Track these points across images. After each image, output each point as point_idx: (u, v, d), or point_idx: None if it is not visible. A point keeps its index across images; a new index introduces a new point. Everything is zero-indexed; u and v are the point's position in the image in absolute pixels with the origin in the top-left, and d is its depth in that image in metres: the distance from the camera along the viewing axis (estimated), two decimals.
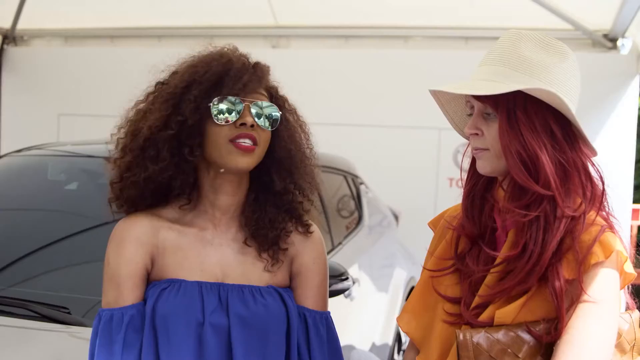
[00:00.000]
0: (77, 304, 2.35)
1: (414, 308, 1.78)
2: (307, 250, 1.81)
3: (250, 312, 1.67)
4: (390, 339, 4.10)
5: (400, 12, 5.98)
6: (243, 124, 1.65)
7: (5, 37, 6.85)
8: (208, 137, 1.67)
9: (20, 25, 6.66)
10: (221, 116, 1.65)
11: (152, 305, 1.65)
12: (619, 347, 1.61)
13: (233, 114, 1.65)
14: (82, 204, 3.17)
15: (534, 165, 1.54)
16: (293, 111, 1.81)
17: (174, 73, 1.75)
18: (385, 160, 5.91)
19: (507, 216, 1.58)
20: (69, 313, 2.30)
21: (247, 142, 1.65)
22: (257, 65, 1.73)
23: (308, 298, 1.79)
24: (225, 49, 1.76)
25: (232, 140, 1.65)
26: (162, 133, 1.66)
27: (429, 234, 1.89)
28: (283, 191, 1.76)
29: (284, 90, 1.82)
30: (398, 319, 1.81)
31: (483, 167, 1.62)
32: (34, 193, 3.21)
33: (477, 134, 1.60)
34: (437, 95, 1.73)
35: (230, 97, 1.65)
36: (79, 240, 2.81)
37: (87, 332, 2.19)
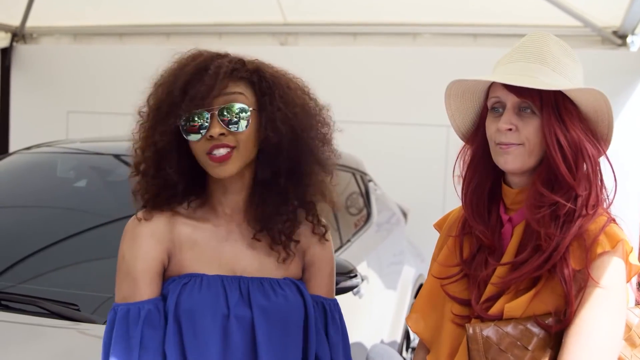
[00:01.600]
0: (86, 301, 2.35)
1: (422, 308, 1.79)
2: (316, 241, 1.83)
3: (272, 303, 1.70)
4: (398, 337, 4.10)
5: (409, 8, 5.97)
6: (212, 137, 1.63)
7: (14, 35, 6.87)
8: (192, 151, 1.68)
9: (30, 23, 6.69)
10: (189, 134, 1.65)
11: (174, 300, 1.65)
12: (629, 341, 1.62)
13: (199, 129, 1.64)
14: (91, 201, 3.18)
15: (575, 161, 1.57)
16: (282, 88, 1.73)
17: (159, 86, 1.73)
18: (394, 157, 5.91)
19: (532, 210, 1.59)
20: (78, 310, 2.30)
21: (220, 152, 1.64)
22: (207, 68, 1.67)
23: (322, 287, 1.83)
24: (183, 57, 1.73)
25: (208, 154, 1.65)
26: (145, 154, 1.70)
27: (437, 232, 1.90)
28: (269, 180, 1.72)
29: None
30: (407, 318, 1.82)
31: (512, 163, 1.62)
32: (43, 190, 3.23)
33: (510, 129, 1.60)
34: (450, 89, 1.73)
35: (194, 113, 1.63)
36: (88, 237, 2.82)
37: (96, 329, 2.21)
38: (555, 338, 1.54)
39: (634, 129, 5.54)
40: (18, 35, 6.87)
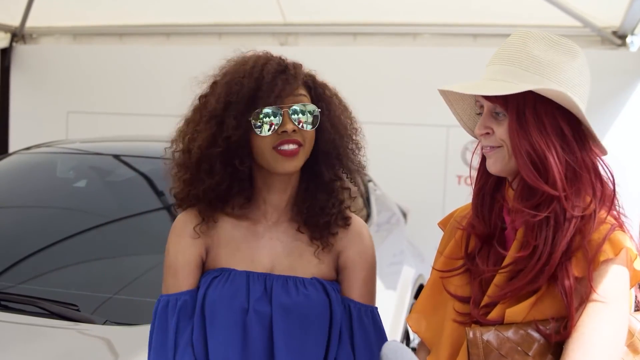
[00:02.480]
0: (86, 301, 2.35)
1: (423, 308, 1.78)
2: (353, 244, 1.88)
3: (292, 301, 1.75)
4: (398, 337, 4.09)
5: (409, 9, 5.97)
6: (284, 132, 1.70)
7: (14, 35, 6.87)
8: (254, 146, 1.73)
9: (29, 23, 6.68)
10: (262, 129, 1.71)
11: (203, 292, 1.75)
12: (632, 347, 1.60)
13: (273, 124, 1.71)
14: (91, 201, 3.18)
15: (543, 165, 1.53)
16: (334, 96, 1.85)
17: (214, 84, 1.79)
18: (394, 157, 5.90)
19: (517, 216, 1.57)
20: (77, 310, 2.30)
21: (290, 147, 1.71)
22: (287, 68, 1.76)
23: (353, 291, 1.85)
24: (256, 56, 1.79)
25: (276, 147, 1.71)
26: (211, 150, 1.73)
27: (438, 232, 1.89)
28: (333, 179, 1.83)
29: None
30: (408, 319, 1.81)
31: (493, 166, 1.61)
32: (43, 190, 3.23)
33: (487, 133, 1.59)
34: (446, 93, 1.73)
35: (267, 109, 1.70)
36: (88, 237, 2.82)
37: (95, 330, 2.21)
38: (556, 344, 1.52)
39: (634, 129, 5.54)
40: (18, 35, 6.87)
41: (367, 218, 4.32)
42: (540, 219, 1.54)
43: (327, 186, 1.82)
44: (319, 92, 1.81)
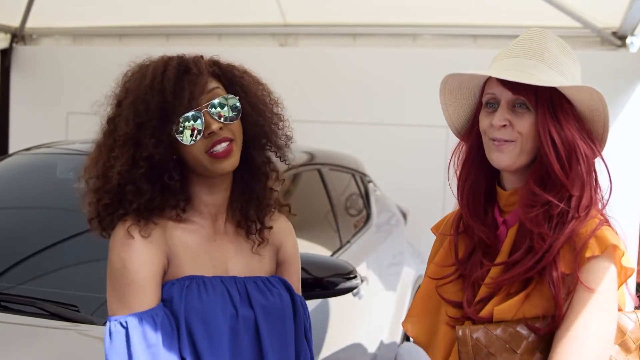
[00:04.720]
0: (86, 302, 2.35)
1: (418, 312, 1.80)
2: (288, 237, 1.89)
3: (270, 302, 1.74)
4: (398, 338, 4.10)
5: (409, 10, 5.97)
6: (212, 133, 1.63)
7: (14, 36, 6.87)
8: (185, 154, 1.65)
9: (29, 24, 6.68)
10: (184, 137, 1.62)
11: (183, 302, 1.63)
12: (624, 346, 1.61)
13: (195, 129, 1.62)
14: None
15: (569, 159, 1.56)
16: (244, 75, 1.76)
17: (118, 106, 1.71)
18: (393, 158, 5.91)
19: (526, 210, 1.58)
20: (77, 311, 2.30)
21: (223, 147, 1.63)
22: (188, 67, 1.65)
23: (293, 283, 1.85)
24: (154, 64, 1.69)
25: (208, 151, 1.63)
26: (134, 172, 1.62)
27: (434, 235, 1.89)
28: (265, 162, 1.79)
29: (285, 85, 1.82)
30: (403, 323, 1.83)
31: (504, 161, 1.61)
32: (43, 191, 3.22)
33: (505, 126, 1.59)
34: (445, 91, 1.73)
35: (185, 116, 1.61)
36: (88, 238, 2.81)
37: (95, 330, 2.20)
38: (545, 342, 1.53)
39: (634, 130, 5.53)
40: (18, 36, 6.87)
41: (367, 219, 4.32)
42: (545, 214, 1.55)
43: (260, 171, 1.77)
44: (228, 77, 1.72)
